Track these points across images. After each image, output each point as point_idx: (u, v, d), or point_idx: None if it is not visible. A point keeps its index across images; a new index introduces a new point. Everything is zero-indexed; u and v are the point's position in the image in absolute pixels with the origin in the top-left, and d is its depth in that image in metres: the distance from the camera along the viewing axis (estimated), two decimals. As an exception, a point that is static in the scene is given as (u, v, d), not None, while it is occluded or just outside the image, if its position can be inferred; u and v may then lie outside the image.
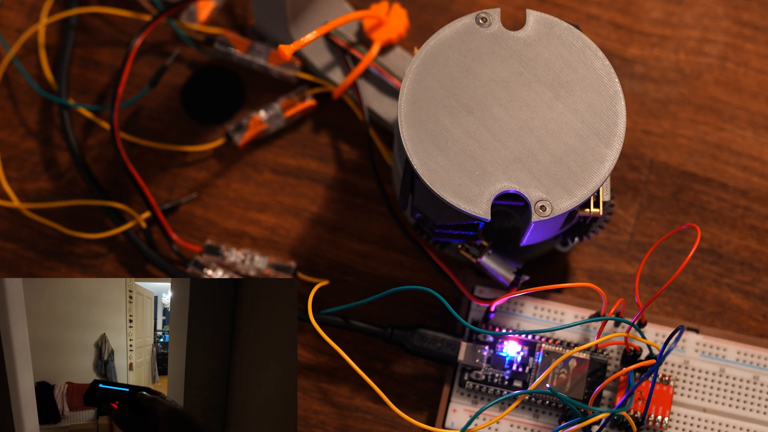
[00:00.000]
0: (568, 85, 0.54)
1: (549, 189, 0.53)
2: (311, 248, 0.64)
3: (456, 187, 0.53)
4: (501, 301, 0.59)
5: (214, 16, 0.68)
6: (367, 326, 0.61)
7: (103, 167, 0.66)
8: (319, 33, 0.60)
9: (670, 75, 0.67)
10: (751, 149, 0.65)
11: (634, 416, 0.58)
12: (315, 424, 0.62)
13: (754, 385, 0.60)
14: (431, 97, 0.54)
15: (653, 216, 0.64)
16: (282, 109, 0.65)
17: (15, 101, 0.67)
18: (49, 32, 0.68)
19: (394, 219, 0.62)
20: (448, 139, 0.53)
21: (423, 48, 0.55)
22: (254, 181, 0.65)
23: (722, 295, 0.63)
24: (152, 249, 0.64)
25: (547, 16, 0.55)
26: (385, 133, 0.66)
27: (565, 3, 0.68)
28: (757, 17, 0.68)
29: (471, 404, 0.60)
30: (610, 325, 0.61)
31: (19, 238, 0.65)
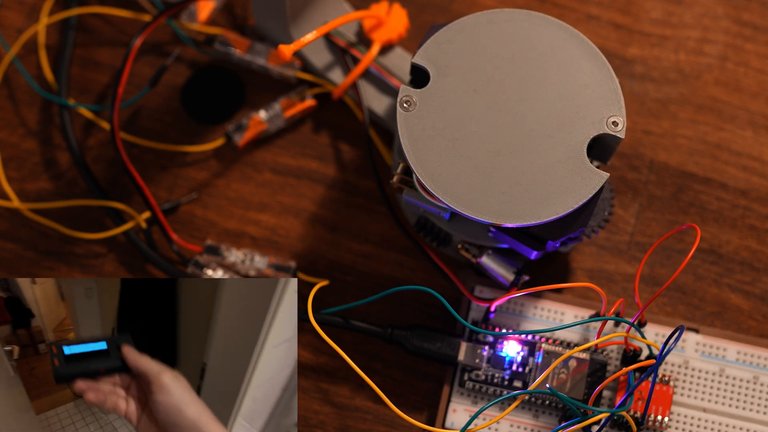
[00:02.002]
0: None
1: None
2: (311, 248, 0.64)
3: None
4: (501, 301, 0.59)
5: (214, 16, 0.68)
6: (367, 326, 0.61)
7: (103, 167, 0.66)
8: (319, 33, 0.60)
9: (670, 75, 0.67)
10: (751, 149, 0.65)
11: (634, 416, 0.58)
12: (315, 424, 0.62)
13: (754, 385, 0.60)
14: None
15: (653, 216, 0.64)
16: (282, 109, 0.65)
17: (15, 101, 0.67)
18: (49, 32, 0.68)
19: (394, 219, 0.62)
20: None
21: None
22: (254, 181, 0.65)
23: (722, 295, 0.63)
24: (152, 249, 0.64)
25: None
26: (385, 133, 0.66)
27: (565, 3, 0.68)
28: (757, 17, 0.68)
29: (471, 404, 0.60)
30: (610, 325, 0.61)
31: (19, 238, 0.65)
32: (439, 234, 0.61)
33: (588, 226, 0.57)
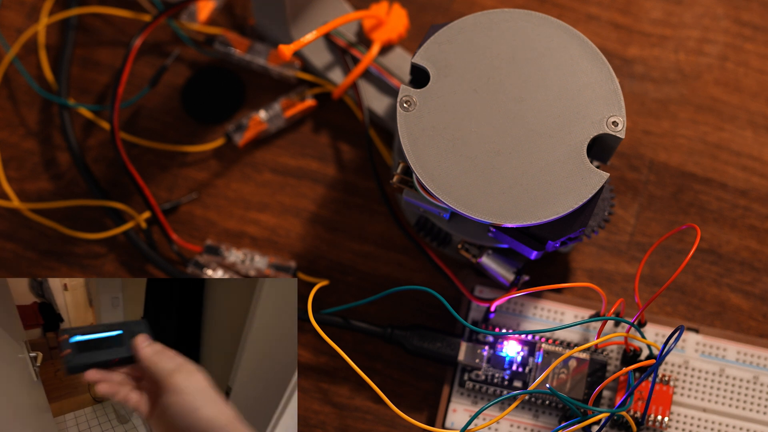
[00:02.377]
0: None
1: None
2: (311, 248, 0.64)
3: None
4: (501, 301, 0.59)
5: (214, 16, 0.68)
6: (367, 326, 0.61)
7: (103, 167, 0.66)
8: (319, 33, 0.60)
9: (670, 75, 0.67)
10: (751, 149, 0.65)
11: (634, 416, 0.58)
12: (315, 424, 0.62)
13: (754, 385, 0.60)
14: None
15: (653, 216, 0.64)
16: (282, 109, 0.65)
17: (15, 101, 0.67)
18: (49, 32, 0.68)
19: (394, 219, 0.62)
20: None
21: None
22: (254, 181, 0.65)
23: (722, 295, 0.63)
24: (152, 249, 0.64)
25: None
26: (385, 133, 0.66)
27: (565, 3, 0.68)
28: (757, 17, 0.68)
29: (471, 404, 0.60)
30: (610, 325, 0.61)
31: (19, 238, 0.65)
32: (439, 234, 0.61)
33: (588, 226, 0.57)
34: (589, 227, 0.59)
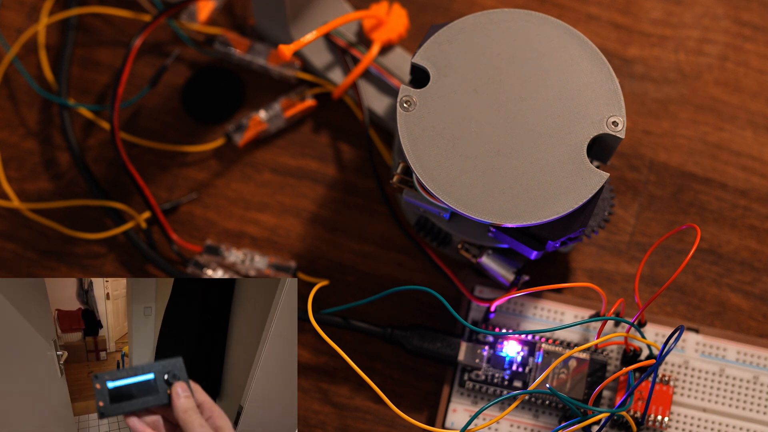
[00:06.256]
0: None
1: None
2: (311, 248, 0.64)
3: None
4: (501, 301, 0.59)
5: (214, 16, 0.68)
6: (367, 326, 0.61)
7: (103, 167, 0.66)
8: (319, 33, 0.60)
9: (670, 75, 0.67)
10: (751, 149, 0.65)
11: (634, 416, 0.58)
12: (315, 424, 0.62)
13: (754, 385, 0.60)
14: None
15: (653, 216, 0.64)
16: (282, 109, 0.65)
17: (15, 101, 0.67)
18: (49, 32, 0.68)
19: (394, 219, 0.62)
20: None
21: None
22: (254, 181, 0.65)
23: (722, 295, 0.63)
24: (152, 249, 0.64)
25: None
26: (385, 133, 0.66)
27: (565, 3, 0.68)
28: (757, 17, 0.68)
29: (471, 404, 0.60)
30: (610, 325, 0.61)
31: (19, 238, 0.65)
32: (439, 234, 0.61)
33: (588, 226, 0.57)
34: (589, 227, 0.59)
